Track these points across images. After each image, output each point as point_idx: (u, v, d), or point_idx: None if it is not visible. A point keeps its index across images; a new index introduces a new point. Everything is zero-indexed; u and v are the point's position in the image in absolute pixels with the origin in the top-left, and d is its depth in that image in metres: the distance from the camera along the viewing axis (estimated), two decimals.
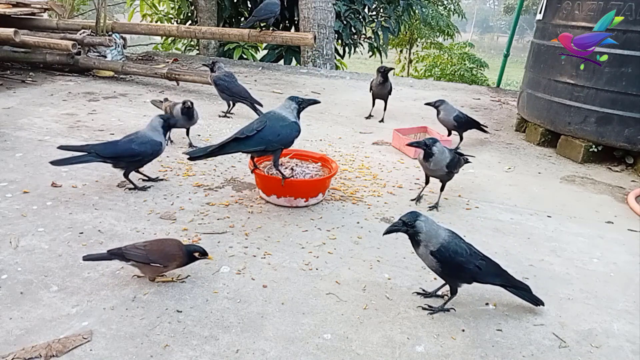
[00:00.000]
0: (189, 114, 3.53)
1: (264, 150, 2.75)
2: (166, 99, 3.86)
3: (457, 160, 2.98)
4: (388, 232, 2.01)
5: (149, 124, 3.02)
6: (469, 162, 3.17)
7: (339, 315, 2.02)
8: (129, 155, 2.85)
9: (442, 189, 3.06)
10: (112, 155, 2.83)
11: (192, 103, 3.52)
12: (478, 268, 2.00)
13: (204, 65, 4.72)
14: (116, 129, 4.04)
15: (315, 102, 2.99)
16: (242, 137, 2.66)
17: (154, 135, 2.95)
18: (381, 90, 4.70)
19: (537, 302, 2.12)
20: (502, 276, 2.07)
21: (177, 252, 2.09)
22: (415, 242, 2.01)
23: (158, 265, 2.05)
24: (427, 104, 4.16)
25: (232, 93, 4.43)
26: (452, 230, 2.07)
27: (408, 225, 1.96)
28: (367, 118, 4.88)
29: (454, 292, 2.08)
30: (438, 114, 4.05)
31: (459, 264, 1.98)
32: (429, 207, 3.03)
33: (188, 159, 2.71)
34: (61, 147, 2.86)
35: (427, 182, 3.09)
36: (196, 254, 2.12)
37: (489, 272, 2.04)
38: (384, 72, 4.61)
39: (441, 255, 1.97)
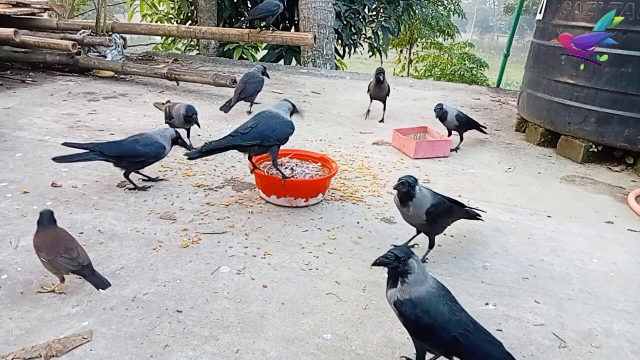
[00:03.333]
0: (188, 121, 3.55)
1: (260, 145, 2.75)
2: (168, 102, 3.86)
3: (445, 207, 2.36)
4: (377, 264, 1.66)
5: (158, 130, 3.05)
6: (479, 217, 2.59)
7: (339, 315, 2.02)
8: (132, 156, 2.87)
9: (430, 245, 2.43)
10: (115, 154, 2.85)
11: (195, 114, 3.51)
12: (456, 339, 1.54)
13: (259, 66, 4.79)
14: (116, 129, 4.04)
15: (299, 114, 3.05)
16: (236, 135, 2.71)
17: (159, 138, 2.98)
18: (379, 92, 4.70)
19: None
20: None
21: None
22: (394, 282, 1.65)
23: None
24: (437, 114, 4.04)
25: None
26: (444, 285, 1.68)
27: (400, 261, 1.61)
28: (365, 118, 4.87)
29: (418, 357, 1.67)
30: (444, 120, 4.02)
31: (426, 327, 1.57)
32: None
33: (188, 159, 2.75)
34: (65, 144, 2.88)
35: (417, 230, 2.49)
36: None
37: (476, 348, 1.56)
38: (379, 74, 4.57)
39: (404, 310, 1.59)
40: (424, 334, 1.60)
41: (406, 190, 2.25)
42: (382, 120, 4.79)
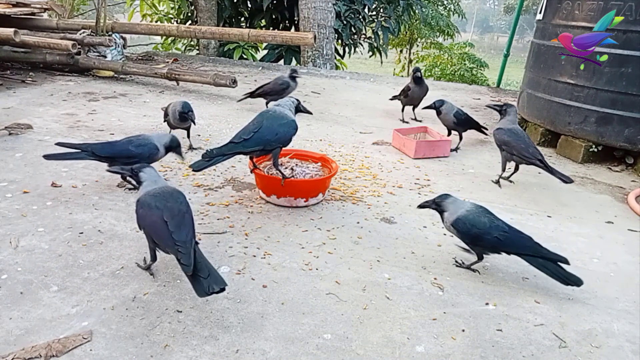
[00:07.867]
0: (183, 118, 3.47)
1: (262, 150, 2.76)
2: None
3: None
4: (421, 206, 2.47)
5: (157, 133, 3.05)
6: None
7: (339, 315, 2.02)
8: (125, 157, 2.81)
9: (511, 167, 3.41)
10: (108, 155, 2.82)
11: (190, 111, 3.43)
12: (497, 239, 2.23)
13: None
14: (116, 129, 4.04)
15: (309, 113, 3.13)
16: (238, 142, 2.67)
17: (154, 139, 2.92)
18: (420, 94, 4.74)
19: (568, 281, 2.20)
20: (530, 248, 2.24)
21: None
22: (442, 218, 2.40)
23: None
24: (425, 107, 4.17)
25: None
26: (482, 205, 2.38)
27: (436, 204, 2.39)
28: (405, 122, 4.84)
29: (479, 258, 2.37)
30: (439, 114, 4.05)
31: (475, 235, 2.26)
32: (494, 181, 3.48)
33: (193, 171, 2.65)
34: (59, 144, 2.88)
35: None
36: None
37: (512, 243, 2.25)
38: (415, 72, 4.69)
39: (458, 226, 2.30)
40: (474, 240, 2.30)
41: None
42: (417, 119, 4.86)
